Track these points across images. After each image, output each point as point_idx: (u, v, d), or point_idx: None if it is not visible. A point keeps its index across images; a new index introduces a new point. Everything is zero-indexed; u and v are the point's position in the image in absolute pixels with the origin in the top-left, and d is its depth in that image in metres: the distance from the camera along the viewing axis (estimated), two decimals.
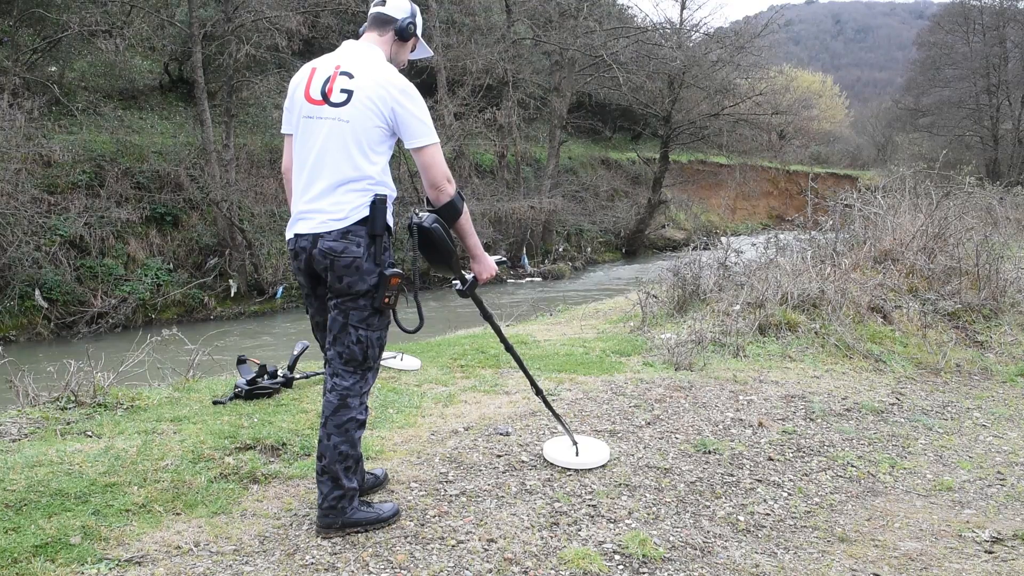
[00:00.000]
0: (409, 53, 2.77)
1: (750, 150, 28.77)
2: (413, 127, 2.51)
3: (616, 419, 3.96)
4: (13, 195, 11.69)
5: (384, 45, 2.65)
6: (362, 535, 2.63)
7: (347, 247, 2.48)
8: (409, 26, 2.65)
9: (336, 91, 2.51)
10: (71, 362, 4.03)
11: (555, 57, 21.74)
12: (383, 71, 2.52)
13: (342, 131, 2.49)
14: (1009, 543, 2.94)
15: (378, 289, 2.52)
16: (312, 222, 2.52)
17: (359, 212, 2.49)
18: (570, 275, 19.74)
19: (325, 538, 2.61)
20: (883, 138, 40.66)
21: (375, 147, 2.51)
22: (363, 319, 2.55)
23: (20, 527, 2.55)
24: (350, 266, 2.48)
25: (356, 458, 2.63)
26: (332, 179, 2.50)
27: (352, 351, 2.57)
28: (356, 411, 2.60)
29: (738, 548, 2.78)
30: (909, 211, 7.67)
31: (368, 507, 2.71)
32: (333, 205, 2.49)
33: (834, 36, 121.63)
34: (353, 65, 2.54)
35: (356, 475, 2.66)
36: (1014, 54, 31.86)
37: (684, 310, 6.42)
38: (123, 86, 17.37)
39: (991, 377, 5.53)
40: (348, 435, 2.58)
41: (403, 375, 4.80)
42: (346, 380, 2.58)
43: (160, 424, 3.63)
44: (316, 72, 2.58)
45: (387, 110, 2.48)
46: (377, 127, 2.50)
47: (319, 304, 2.67)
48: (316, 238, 2.51)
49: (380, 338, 2.61)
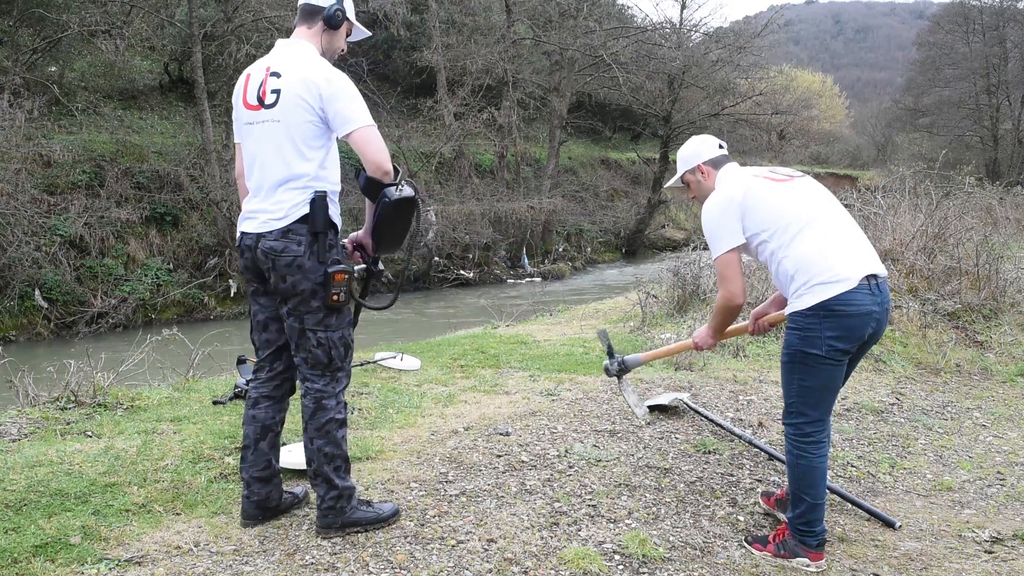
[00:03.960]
0: (345, 40, 2.73)
1: (750, 150, 28.71)
2: (342, 114, 2.46)
3: (616, 419, 3.96)
4: (13, 195, 11.69)
5: (314, 38, 2.61)
6: (362, 535, 2.63)
7: (287, 246, 2.47)
8: (337, 13, 2.61)
9: (268, 93, 2.51)
10: (71, 362, 4.03)
11: (555, 57, 21.73)
12: (308, 65, 2.49)
13: (275, 132, 2.49)
14: (1009, 543, 2.94)
15: (325, 287, 2.48)
16: (255, 222, 2.54)
17: (298, 210, 2.47)
18: (570, 275, 19.74)
19: (325, 538, 2.60)
20: (883, 138, 40.65)
21: (310, 143, 2.48)
22: (319, 321, 2.52)
23: (20, 527, 2.55)
24: (291, 265, 2.47)
25: (344, 457, 2.62)
26: (271, 179, 2.51)
27: (315, 355, 2.55)
28: (334, 411, 2.58)
29: (738, 548, 2.78)
30: (909, 211, 7.66)
31: (368, 506, 2.70)
32: (273, 205, 2.50)
33: (834, 36, 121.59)
34: (281, 64, 2.53)
35: (349, 474, 2.65)
36: (1014, 54, 31.84)
37: (684, 310, 6.42)
38: (123, 86, 17.37)
39: (991, 377, 5.52)
40: (330, 436, 2.57)
41: (403, 375, 4.80)
42: (317, 383, 2.58)
43: (160, 424, 3.63)
44: (251, 78, 2.59)
45: (314, 102, 2.45)
46: (308, 122, 2.47)
47: (264, 302, 2.65)
48: (259, 238, 2.52)
49: (343, 337, 2.58)
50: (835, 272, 2.51)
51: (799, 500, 2.67)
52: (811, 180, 2.82)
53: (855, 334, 2.54)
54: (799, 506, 2.67)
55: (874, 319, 2.55)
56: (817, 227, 2.60)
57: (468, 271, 17.85)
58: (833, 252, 2.55)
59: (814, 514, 2.65)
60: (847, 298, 2.49)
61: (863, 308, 2.51)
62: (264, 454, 2.68)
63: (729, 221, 2.66)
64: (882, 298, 2.57)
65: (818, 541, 2.66)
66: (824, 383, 2.62)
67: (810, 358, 2.57)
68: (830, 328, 2.51)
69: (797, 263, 2.55)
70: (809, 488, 2.65)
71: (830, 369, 2.59)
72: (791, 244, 2.58)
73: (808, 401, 2.64)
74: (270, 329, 2.67)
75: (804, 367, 2.60)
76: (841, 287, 2.49)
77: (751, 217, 2.64)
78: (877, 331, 2.61)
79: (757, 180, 2.72)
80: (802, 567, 2.65)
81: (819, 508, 2.66)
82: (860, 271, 2.53)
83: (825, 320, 2.50)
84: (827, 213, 2.67)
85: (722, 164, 2.86)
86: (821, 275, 2.51)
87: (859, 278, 2.51)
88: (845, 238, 2.62)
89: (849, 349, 2.57)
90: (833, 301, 2.49)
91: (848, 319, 2.51)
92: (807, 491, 2.65)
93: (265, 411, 2.69)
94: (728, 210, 2.67)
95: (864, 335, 2.57)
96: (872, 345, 2.70)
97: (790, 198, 2.66)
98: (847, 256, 2.56)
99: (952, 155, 17.90)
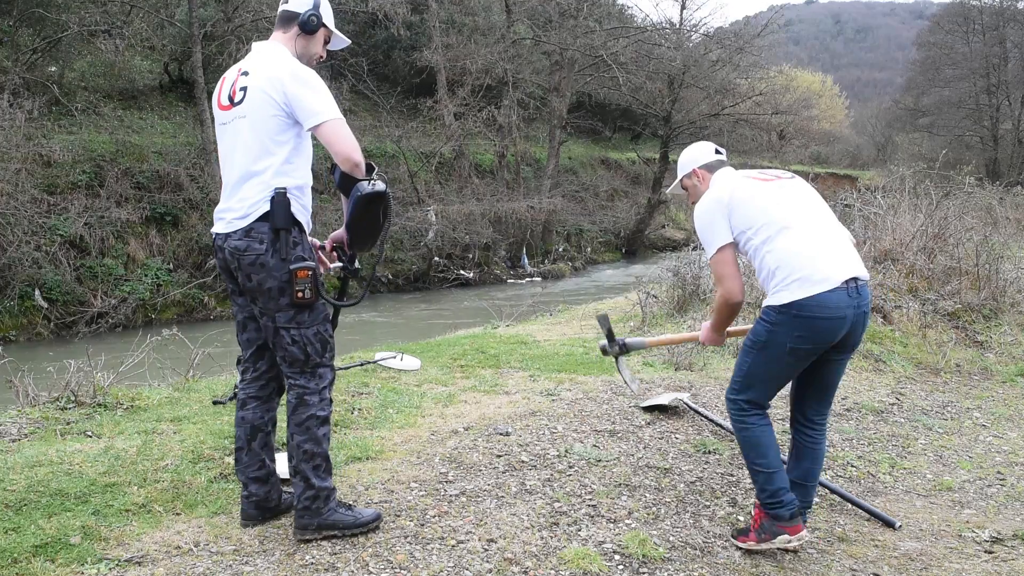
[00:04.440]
0: (323, 46, 2.70)
1: (750, 150, 28.73)
2: (308, 108, 2.44)
3: (616, 419, 3.96)
4: (13, 195, 11.69)
5: (288, 41, 2.61)
6: (362, 536, 2.63)
7: (250, 244, 2.46)
8: (311, 18, 2.60)
9: (237, 91, 2.52)
10: (71, 362, 4.03)
11: (555, 57, 21.73)
12: (277, 63, 2.49)
13: (243, 127, 2.49)
14: (1009, 543, 2.94)
15: (290, 284, 2.46)
16: (223, 222, 2.54)
17: (259, 208, 2.46)
18: (570, 275, 19.74)
19: (302, 540, 2.57)
20: (883, 138, 40.65)
21: (274, 137, 2.47)
22: (291, 319, 2.50)
23: (20, 527, 2.55)
24: (255, 263, 2.46)
25: (324, 456, 2.58)
26: (235, 176, 2.51)
27: (291, 353, 2.53)
28: (316, 408, 2.55)
29: (738, 548, 2.78)
30: (909, 211, 7.66)
31: (348, 509, 2.66)
32: (237, 203, 2.49)
33: (834, 36, 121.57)
34: (252, 64, 2.54)
35: (329, 474, 2.61)
36: (1014, 54, 31.85)
37: (684, 310, 6.42)
38: (123, 86, 17.38)
39: (991, 377, 5.53)
40: (311, 432, 2.54)
41: (403, 375, 4.80)
42: (299, 379, 2.56)
43: (160, 424, 3.63)
44: (225, 81, 2.60)
45: (279, 96, 2.44)
46: (274, 116, 2.46)
47: (241, 302, 2.64)
48: (226, 237, 2.51)
49: (317, 333, 2.55)
50: (816, 271, 2.53)
51: (755, 473, 2.73)
52: (800, 181, 2.85)
53: (823, 337, 2.56)
54: (757, 479, 2.73)
55: (848, 323, 2.56)
56: (802, 226, 2.63)
57: (468, 271, 17.85)
58: (816, 251, 2.58)
59: (773, 483, 2.68)
60: (823, 299, 2.50)
61: (838, 312, 2.52)
62: (257, 454, 2.68)
63: (717, 220, 2.70)
64: (860, 301, 2.58)
65: (790, 512, 2.68)
66: (776, 374, 2.68)
67: (771, 350, 2.61)
68: (799, 328, 2.53)
69: (779, 259, 2.58)
70: (759, 458, 2.70)
71: (787, 365, 2.64)
72: (775, 239, 2.61)
73: (754, 384, 2.70)
74: (249, 329, 2.67)
75: (762, 355, 2.64)
76: (820, 287, 2.51)
77: (737, 215, 2.68)
78: (853, 334, 2.62)
79: (744, 180, 2.77)
80: (784, 544, 2.68)
81: (776, 476, 2.69)
82: (842, 273, 2.54)
83: (796, 319, 2.52)
84: (812, 213, 2.70)
85: (716, 168, 2.90)
86: (802, 271, 2.53)
87: (840, 280, 2.52)
88: (829, 239, 2.64)
89: (812, 350, 2.59)
90: (809, 300, 2.50)
91: (819, 321, 2.52)
92: (758, 460, 2.70)
93: (253, 412, 2.68)
94: (715, 210, 2.72)
95: (833, 338, 2.57)
96: (852, 347, 2.70)
97: (776, 197, 2.70)
98: (830, 257, 2.57)
99: (952, 155, 17.89)
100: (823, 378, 2.76)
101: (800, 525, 2.69)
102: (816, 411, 2.82)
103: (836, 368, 2.76)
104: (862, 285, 2.60)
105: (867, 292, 2.63)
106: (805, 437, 2.83)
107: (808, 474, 2.83)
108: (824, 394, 2.81)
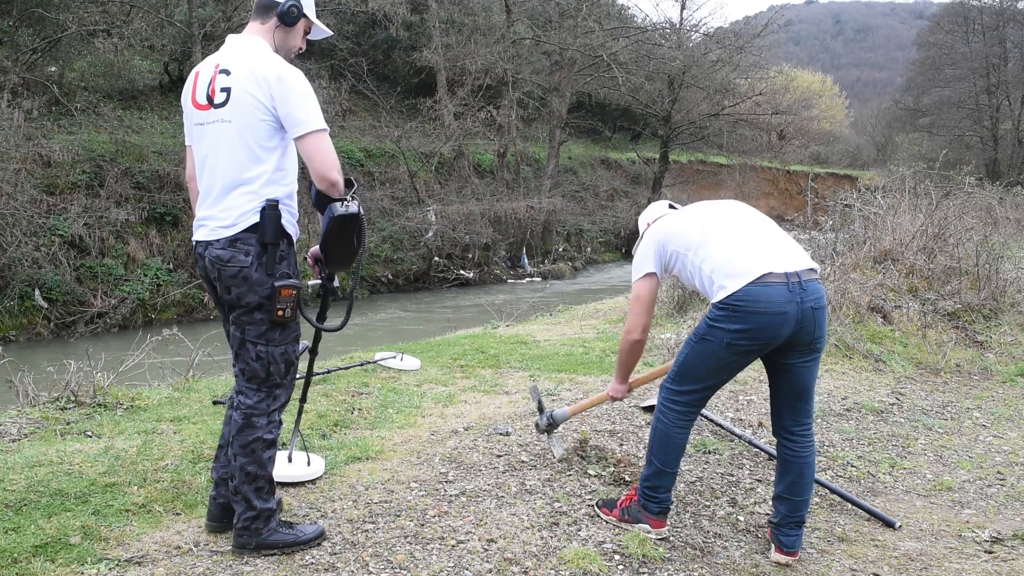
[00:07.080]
0: (302, 37, 2.56)
1: (750, 150, 28.76)
2: (293, 115, 2.32)
3: (616, 419, 3.96)
4: (13, 195, 11.68)
5: (267, 33, 2.46)
6: (362, 535, 2.63)
7: (234, 255, 2.34)
8: (291, 9, 2.45)
9: (217, 91, 2.37)
10: (71, 362, 4.03)
11: (555, 57, 21.73)
12: (259, 60, 2.35)
13: (227, 132, 2.35)
14: (1009, 543, 2.94)
15: (271, 301, 2.36)
16: (205, 229, 2.41)
17: (248, 219, 2.34)
18: (570, 275, 19.75)
19: (237, 557, 2.47)
20: (883, 138, 40.68)
21: (263, 143, 2.35)
22: (261, 334, 2.40)
23: (20, 527, 2.55)
24: (237, 276, 2.35)
25: (268, 478, 2.48)
26: (222, 183, 2.37)
27: (253, 368, 2.43)
28: (263, 431, 2.45)
29: (738, 548, 2.79)
30: (909, 211, 7.66)
31: (288, 528, 2.55)
32: (223, 211, 2.37)
33: (834, 36, 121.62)
34: (230, 61, 2.39)
35: (272, 495, 2.51)
36: (1014, 54, 31.88)
37: (684, 310, 6.42)
38: (123, 86, 17.37)
39: (991, 377, 5.53)
40: (255, 456, 2.43)
41: (403, 375, 4.80)
42: (250, 398, 2.45)
43: (160, 424, 3.63)
44: (199, 76, 2.45)
45: (267, 100, 2.31)
46: (261, 121, 2.34)
47: (225, 312, 2.52)
48: (208, 245, 2.40)
49: (284, 353, 2.45)
50: (737, 267, 2.54)
51: (650, 462, 2.77)
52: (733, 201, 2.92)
53: (763, 333, 2.51)
54: (649, 468, 2.77)
55: (792, 319, 2.50)
56: (731, 231, 2.68)
57: (468, 271, 17.85)
58: (742, 249, 2.60)
59: (660, 480, 2.74)
60: (754, 293, 2.48)
61: (774, 307, 2.48)
62: None
63: (649, 254, 2.78)
64: (804, 296, 2.51)
65: (660, 508, 2.76)
66: (712, 369, 2.65)
67: (708, 344, 2.60)
68: (736, 322, 2.51)
69: (713, 264, 2.61)
70: (660, 453, 2.73)
71: (724, 361, 2.61)
72: (707, 247, 2.65)
73: (688, 377, 2.69)
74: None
75: (700, 347, 2.64)
76: (741, 280, 2.50)
77: (674, 242, 2.74)
78: (804, 331, 2.54)
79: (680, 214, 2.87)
80: (643, 533, 2.75)
81: (666, 476, 2.74)
82: (765, 267, 2.51)
83: (733, 313, 2.52)
84: (744, 221, 2.74)
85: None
86: (730, 267, 2.55)
87: (760, 273, 2.50)
88: (757, 239, 2.65)
89: (751, 347, 2.55)
90: (740, 295, 2.49)
91: (755, 316, 2.49)
92: (658, 454, 2.74)
93: None
94: (649, 244, 2.80)
95: (776, 335, 2.51)
96: (812, 347, 2.61)
97: (709, 214, 2.79)
98: (754, 253, 2.57)
99: (952, 155, 17.89)
100: (792, 384, 2.68)
101: (664, 523, 2.79)
102: (793, 420, 2.73)
103: (803, 372, 2.66)
104: (808, 281, 2.55)
105: (816, 287, 2.58)
106: (786, 450, 2.75)
107: (793, 488, 2.72)
108: (797, 401, 2.71)
